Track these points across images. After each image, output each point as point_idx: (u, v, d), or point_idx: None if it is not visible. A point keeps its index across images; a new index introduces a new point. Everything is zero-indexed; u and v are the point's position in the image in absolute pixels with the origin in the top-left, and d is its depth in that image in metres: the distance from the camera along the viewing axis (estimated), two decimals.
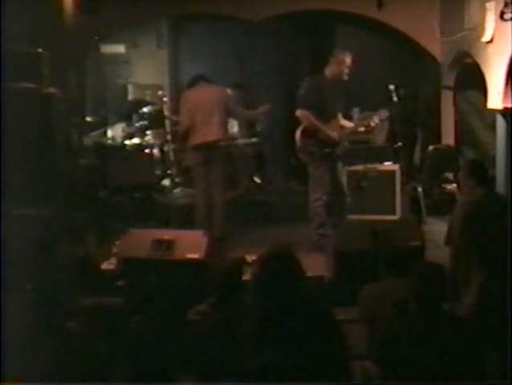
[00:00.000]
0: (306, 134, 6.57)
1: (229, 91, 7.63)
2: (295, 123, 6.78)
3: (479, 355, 3.54)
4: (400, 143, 7.56)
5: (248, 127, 9.23)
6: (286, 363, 3.12)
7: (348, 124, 6.87)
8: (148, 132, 9.07)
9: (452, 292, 4.35)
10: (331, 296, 5.17)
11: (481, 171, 4.85)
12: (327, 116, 6.58)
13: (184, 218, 7.35)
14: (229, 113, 7.34)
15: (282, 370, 3.11)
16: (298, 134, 6.63)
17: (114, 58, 10.15)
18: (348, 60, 6.60)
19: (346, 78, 6.63)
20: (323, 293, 5.16)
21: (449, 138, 8.89)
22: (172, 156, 9.16)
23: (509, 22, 6.27)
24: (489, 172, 5.00)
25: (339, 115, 6.77)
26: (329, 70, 6.64)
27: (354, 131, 6.97)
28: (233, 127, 8.95)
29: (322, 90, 6.57)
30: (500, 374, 3.62)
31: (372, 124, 6.91)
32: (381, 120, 6.91)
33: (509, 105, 6.65)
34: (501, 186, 6.73)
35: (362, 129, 7.06)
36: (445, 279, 3.69)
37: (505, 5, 6.27)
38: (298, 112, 6.55)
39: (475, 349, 3.52)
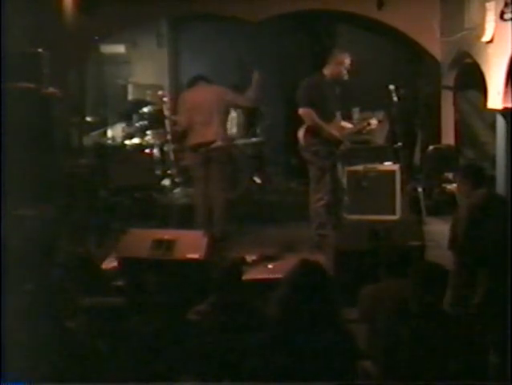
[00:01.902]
0: (309, 133, 6.57)
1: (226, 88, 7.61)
2: (295, 122, 6.78)
3: (479, 356, 3.54)
4: (400, 143, 7.57)
5: (248, 126, 9.23)
6: (290, 364, 3.13)
7: (347, 126, 6.88)
8: (148, 132, 9.07)
9: (456, 295, 4.34)
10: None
11: (476, 174, 4.80)
12: (327, 116, 6.59)
13: (184, 218, 7.35)
14: (235, 106, 7.38)
15: (284, 371, 3.12)
16: (301, 133, 6.63)
17: (114, 58, 10.15)
18: (347, 61, 6.61)
19: (345, 78, 6.64)
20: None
21: (449, 138, 8.90)
22: (172, 156, 9.16)
23: (509, 22, 6.27)
24: (488, 173, 4.97)
25: (338, 116, 6.78)
26: (327, 70, 6.64)
27: (353, 132, 6.99)
28: (233, 127, 8.96)
29: (321, 89, 6.58)
30: (500, 374, 3.62)
31: (372, 126, 6.94)
32: (379, 122, 6.92)
33: (509, 105, 6.64)
34: (501, 186, 6.73)
35: (359, 129, 7.07)
36: (445, 279, 3.69)
37: (506, 5, 6.27)
38: (301, 111, 6.54)
39: (475, 349, 3.52)
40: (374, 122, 6.89)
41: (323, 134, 6.54)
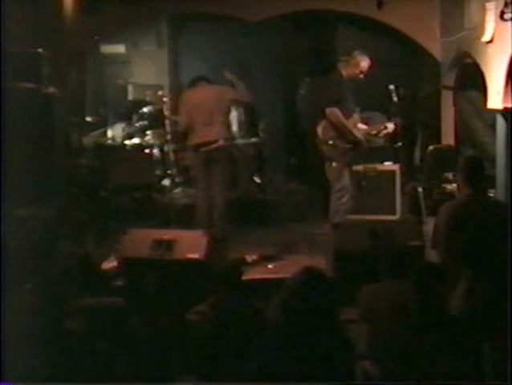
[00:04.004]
0: (329, 127, 6.59)
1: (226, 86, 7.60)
2: (295, 122, 6.80)
3: (479, 356, 3.54)
4: (400, 143, 7.56)
5: (248, 126, 9.23)
6: (289, 364, 3.13)
7: (362, 127, 6.90)
8: (148, 132, 9.07)
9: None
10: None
11: (472, 170, 4.69)
12: (345, 115, 6.62)
13: (184, 218, 7.35)
14: (236, 104, 7.42)
15: (283, 371, 3.12)
16: (320, 127, 6.67)
17: (114, 58, 10.15)
18: (364, 64, 6.66)
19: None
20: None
21: (449, 138, 8.89)
22: (172, 156, 9.16)
23: (509, 22, 6.26)
24: (482, 173, 4.84)
25: (355, 115, 6.82)
26: (345, 70, 6.71)
27: (368, 134, 7.03)
28: (233, 127, 8.96)
29: (340, 88, 6.62)
30: (500, 374, 3.62)
31: (389, 130, 6.96)
32: (396, 127, 6.93)
33: (509, 105, 6.64)
34: (501, 186, 6.73)
35: (374, 132, 7.10)
36: (445, 279, 3.69)
37: (505, 5, 6.26)
38: (328, 110, 6.57)
39: (475, 349, 3.53)
40: (391, 126, 6.93)
41: (344, 133, 6.56)
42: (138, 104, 9.44)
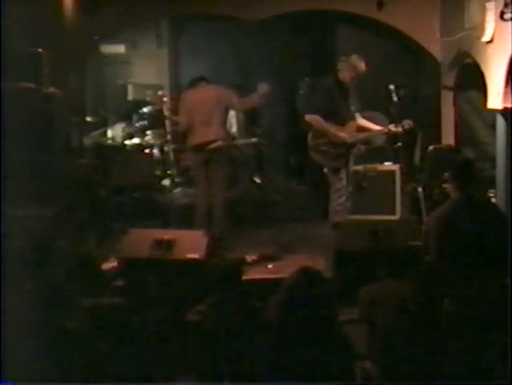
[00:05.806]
0: (317, 134, 6.62)
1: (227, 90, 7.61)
2: (295, 122, 6.80)
3: (479, 355, 3.54)
4: (400, 143, 7.56)
5: (248, 126, 9.24)
6: (288, 364, 3.13)
7: (370, 126, 6.90)
8: (148, 132, 9.07)
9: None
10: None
11: (462, 174, 4.67)
12: (341, 119, 6.62)
13: (184, 218, 7.35)
14: (232, 109, 7.41)
15: (283, 371, 3.13)
16: (309, 134, 6.70)
17: (114, 58, 10.16)
18: (360, 68, 6.67)
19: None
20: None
21: (449, 138, 8.89)
22: (172, 156, 9.16)
23: (509, 22, 6.26)
24: (471, 177, 4.79)
25: (358, 117, 6.81)
26: (342, 74, 6.71)
27: (373, 135, 7.02)
28: (233, 127, 8.96)
29: (334, 93, 6.62)
30: (500, 374, 3.62)
31: (391, 133, 6.97)
32: (404, 130, 6.93)
33: (509, 105, 6.64)
34: (501, 186, 6.73)
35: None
36: (445, 279, 3.69)
37: (505, 5, 6.26)
38: (307, 117, 6.62)
39: (475, 349, 3.53)
40: (393, 128, 6.92)
41: (330, 137, 6.58)
42: (138, 104, 9.45)
